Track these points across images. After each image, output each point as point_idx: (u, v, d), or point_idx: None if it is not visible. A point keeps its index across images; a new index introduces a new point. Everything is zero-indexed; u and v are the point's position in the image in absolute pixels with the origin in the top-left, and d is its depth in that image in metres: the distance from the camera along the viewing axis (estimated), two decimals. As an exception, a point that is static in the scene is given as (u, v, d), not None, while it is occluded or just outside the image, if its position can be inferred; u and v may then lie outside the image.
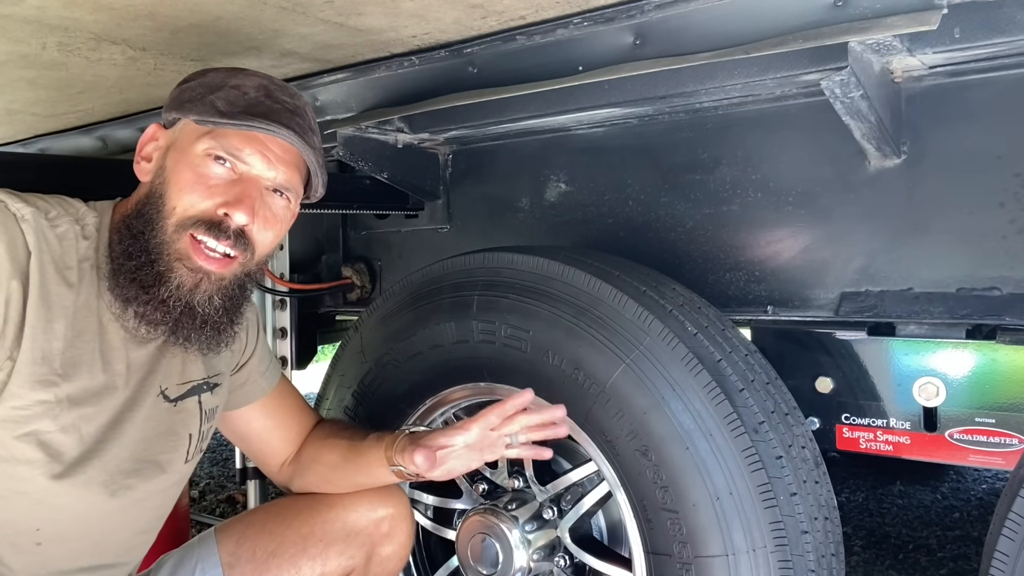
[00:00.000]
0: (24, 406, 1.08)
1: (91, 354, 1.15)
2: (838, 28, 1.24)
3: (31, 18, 1.37)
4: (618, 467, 1.38)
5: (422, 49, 1.61)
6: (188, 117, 1.17)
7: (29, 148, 2.38)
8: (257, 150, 1.15)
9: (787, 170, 1.56)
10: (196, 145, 1.14)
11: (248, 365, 1.45)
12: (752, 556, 1.28)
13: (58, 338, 1.10)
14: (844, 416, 1.56)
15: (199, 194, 1.13)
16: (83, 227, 1.16)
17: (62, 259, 1.12)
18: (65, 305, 1.11)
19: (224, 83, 1.18)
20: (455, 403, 1.64)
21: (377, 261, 2.22)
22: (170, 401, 1.27)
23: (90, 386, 1.15)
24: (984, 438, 1.41)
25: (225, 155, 1.14)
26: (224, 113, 1.14)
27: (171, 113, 1.20)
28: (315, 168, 1.23)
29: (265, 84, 1.20)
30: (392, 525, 1.45)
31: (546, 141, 1.87)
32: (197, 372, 1.32)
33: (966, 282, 1.39)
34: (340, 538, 1.42)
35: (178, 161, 1.15)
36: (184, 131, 1.17)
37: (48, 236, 1.11)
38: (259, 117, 1.15)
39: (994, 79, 1.35)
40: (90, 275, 1.15)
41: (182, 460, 1.31)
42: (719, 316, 1.48)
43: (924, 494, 3.36)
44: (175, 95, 1.21)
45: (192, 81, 1.21)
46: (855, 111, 1.30)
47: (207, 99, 1.16)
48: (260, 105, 1.17)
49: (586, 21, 1.43)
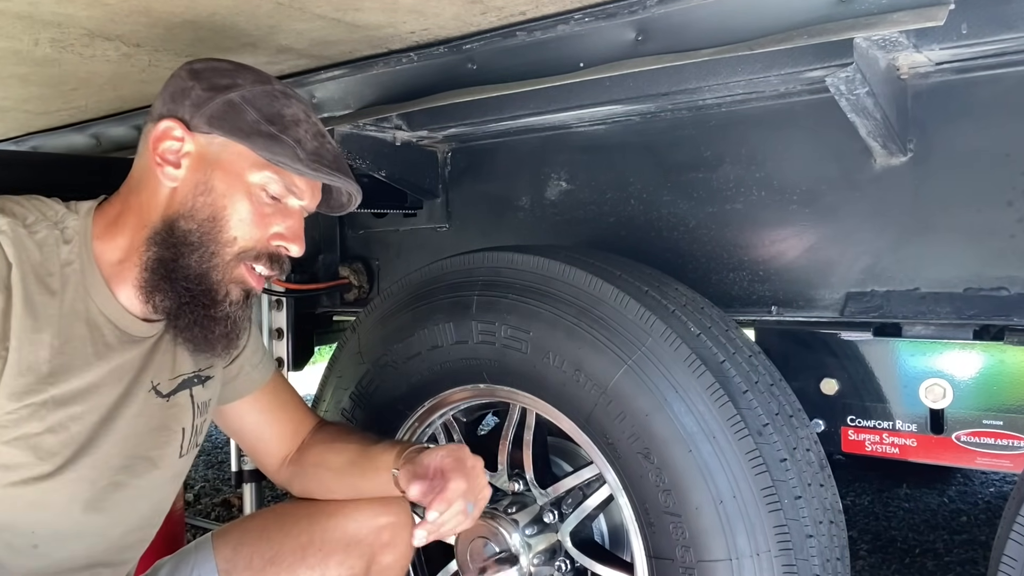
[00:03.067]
0: (9, 411, 1.08)
1: (82, 356, 1.15)
2: (843, 24, 1.22)
3: (23, 13, 1.35)
4: (620, 470, 1.37)
5: (421, 45, 1.60)
6: (239, 142, 1.15)
7: (21, 146, 2.37)
8: (310, 189, 1.22)
9: (791, 168, 1.54)
10: (253, 174, 1.16)
11: (240, 358, 1.44)
12: (756, 560, 1.27)
13: (44, 347, 1.10)
14: (849, 418, 1.55)
15: (259, 228, 1.17)
16: (63, 231, 1.15)
17: (43, 266, 1.11)
18: (50, 313, 1.11)
19: (277, 113, 1.18)
20: (454, 405, 1.63)
21: (375, 261, 2.21)
22: (162, 396, 1.27)
23: (79, 386, 1.14)
24: (992, 440, 1.40)
25: (284, 192, 1.19)
26: (299, 159, 1.17)
27: (201, 120, 1.15)
28: (354, 200, 1.32)
29: (315, 124, 1.22)
30: (393, 534, 1.42)
31: (547, 139, 1.86)
32: (187, 366, 1.32)
33: (973, 282, 1.38)
34: (340, 547, 1.39)
35: (232, 186, 1.16)
36: (232, 152, 1.16)
37: (27, 244, 1.10)
38: (326, 167, 1.19)
39: (1002, 76, 1.34)
40: (74, 279, 1.14)
41: (175, 455, 1.30)
42: (722, 316, 1.47)
43: (931, 497, 3.35)
44: (215, 110, 1.15)
45: (230, 94, 1.16)
46: (860, 108, 1.29)
47: (270, 132, 1.16)
48: (326, 154, 1.20)
49: (587, 17, 1.42)
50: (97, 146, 2.21)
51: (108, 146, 2.18)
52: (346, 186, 1.24)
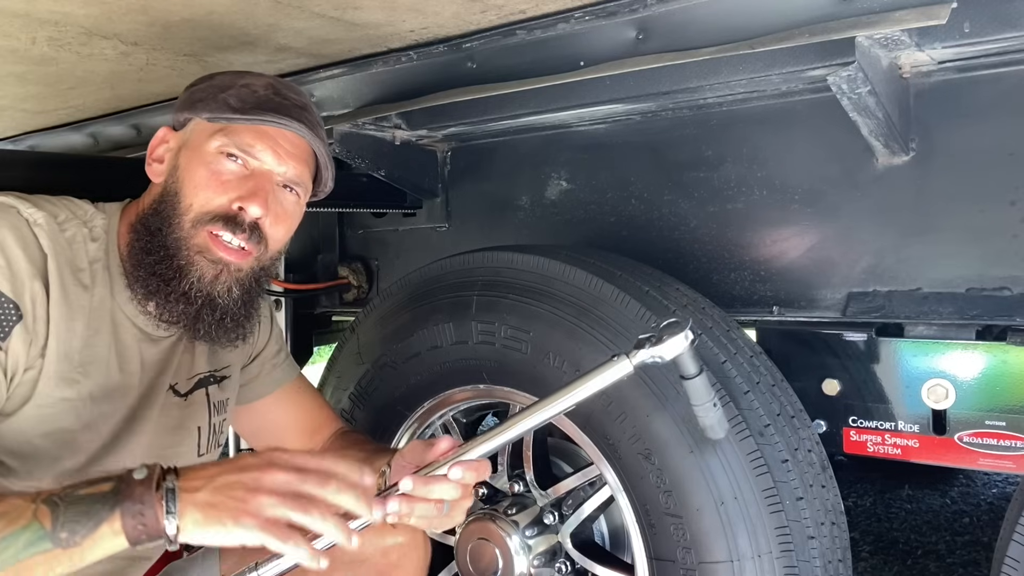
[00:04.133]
0: (49, 403, 1.10)
1: (106, 352, 1.17)
2: (845, 22, 1.22)
3: (20, 11, 1.35)
4: (620, 471, 1.36)
5: (420, 44, 1.60)
6: (200, 116, 1.21)
7: (18, 145, 2.37)
8: (268, 146, 1.19)
9: (793, 167, 1.54)
10: (209, 143, 1.18)
11: (261, 356, 1.46)
12: (757, 562, 1.26)
13: (78, 337, 1.13)
14: (851, 419, 1.54)
15: (214, 190, 1.16)
16: (91, 229, 1.18)
17: (73, 262, 1.14)
18: (82, 305, 1.14)
19: (233, 83, 1.22)
20: (454, 406, 1.62)
21: (374, 260, 2.20)
22: (180, 396, 1.29)
23: (107, 384, 1.17)
24: (994, 441, 1.40)
25: (237, 151, 1.17)
26: (236, 109, 1.18)
27: (182, 114, 1.24)
28: (324, 161, 1.27)
29: (272, 83, 1.25)
30: (401, 555, 1.35)
31: (547, 138, 1.85)
32: (203, 366, 1.33)
33: (976, 282, 1.37)
34: (342, 565, 1.32)
35: (191, 159, 1.18)
36: (196, 130, 1.21)
37: (59, 240, 1.13)
38: (270, 112, 1.19)
39: (1005, 74, 1.33)
40: (102, 276, 1.18)
41: (193, 454, 1.32)
42: (724, 317, 1.47)
43: (933, 498, 3.34)
44: (185, 97, 1.25)
45: (201, 83, 1.26)
46: (862, 107, 1.29)
47: (218, 98, 1.20)
48: (270, 101, 1.20)
49: (587, 15, 1.42)
50: (95, 145, 2.20)
51: (106, 145, 2.18)
52: (290, 128, 1.19)
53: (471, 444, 1.05)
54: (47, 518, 0.90)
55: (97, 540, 0.90)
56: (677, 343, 1.00)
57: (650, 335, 1.01)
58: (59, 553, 0.89)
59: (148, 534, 0.91)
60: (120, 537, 0.91)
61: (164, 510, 0.91)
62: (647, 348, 1.00)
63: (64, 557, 0.90)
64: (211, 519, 0.92)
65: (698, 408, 1.10)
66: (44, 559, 0.89)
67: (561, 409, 1.02)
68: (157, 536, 0.92)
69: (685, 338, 1.00)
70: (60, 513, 0.90)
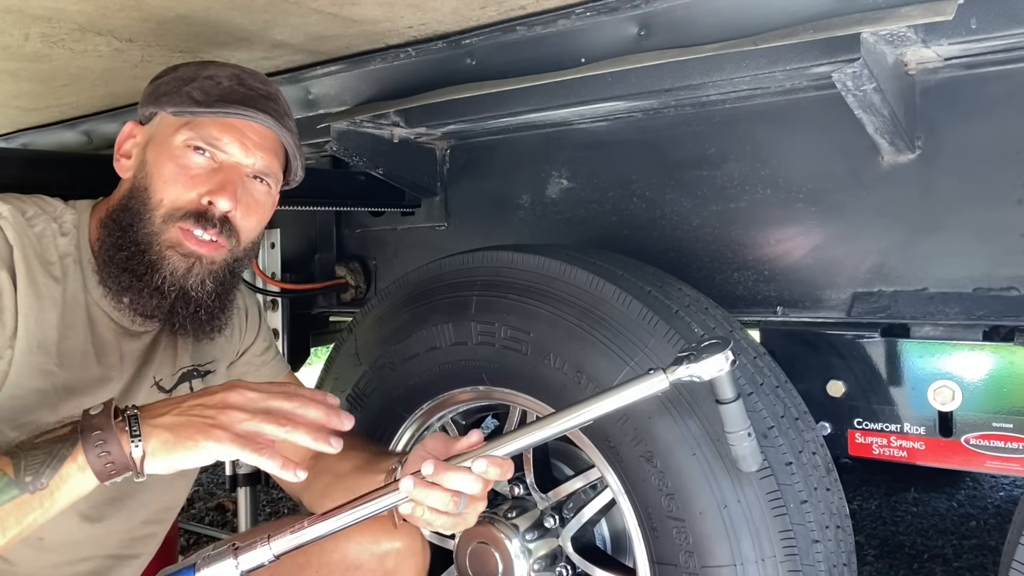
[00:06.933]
0: (21, 395, 1.09)
1: (83, 346, 1.17)
2: (850, 18, 1.21)
3: (13, 7, 1.35)
4: (622, 474, 1.35)
5: (419, 40, 1.60)
6: (165, 110, 1.21)
7: (11, 143, 2.38)
8: (235, 138, 1.19)
9: (797, 166, 1.53)
10: (175, 137, 1.18)
11: (248, 354, 1.45)
12: (761, 566, 1.25)
13: (52, 328, 1.13)
14: (856, 421, 1.53)
15: (183, 185, 1.16)
16: (60, 225, 1.18)
17: (43, 255, 1.14)
18: (54, 296, 1.14)
19: (197, 75, 1.22)
20: (453, 407, 1.61)
21: (372, 260, 2.19)
22: (165, 391, 1.29)
23: (85, 377, 1.16)
24: (1002, 444, 1.38)
25: (204, 145, 1.18)
26: (200, 102, 1.18)
27: (147, 108, 1.24)
28: (293, 151, 1.27)
29: (237, 73, 1.25)
30: (398, 562, 1.34)
31: (547, 136, 1.84)
32: (186, 360, 1.33)
33: (983, 282, 1.36)
34: (338, 571, 1.33)
35: (159, 154, 1.19)
36: (162, 124, 1.21)
37: (27, 233, 1.13)
38: (234, 104, 1.19)
39: (1012, 71, 1.32)
40: (73, 270, 1.17)
41: None
42: (727, 317, 1.45)
43: (939, 502, 3.33)
44: (149, 91, 1.25)
45: (165, 76, 1.25)
46: (868, 104, 1.27)
47: (182, 91, 1.20)
48: (234, 93, 1.20)
49: (589, 11, 1.41)
50: (88, 143, 2.20)
51: (100, 143, 2.18)
52: (255, 119, 1.18)
53: (498, 441, 1.04)
54: (8, 466, 0.90)
55: (64, 479, 0.90)
56: (716, 363, 0.97)
57: (689, 352, 0.99)
58: (28, 498, 0.90)
59: (114, 463, 0.91)
60: (87, 471, 0.91)
61: (128, 435, 0.91)
62: (685, 365, 0.98)
63: (34, 502, 0.90)
64: (181, 437, 0.92)
65: (732, 436, 1.06)
66: (13, 506, 0.89)
67: (593, 416, 1.02)
68: (124, 465, 0.92)
69: (725, 359, 0.97)
70: (21, 459, 0.91)
